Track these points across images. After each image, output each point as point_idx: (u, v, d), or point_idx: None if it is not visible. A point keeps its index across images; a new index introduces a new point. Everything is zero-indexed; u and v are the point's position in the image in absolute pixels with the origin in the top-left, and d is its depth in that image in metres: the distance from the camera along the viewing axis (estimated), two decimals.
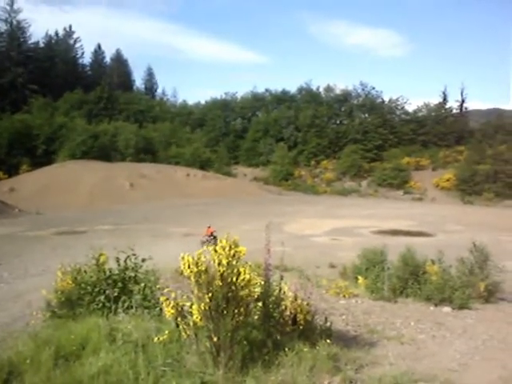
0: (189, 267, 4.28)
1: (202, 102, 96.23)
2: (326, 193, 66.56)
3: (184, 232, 29.72)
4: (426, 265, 14.43)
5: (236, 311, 4.33)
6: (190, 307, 4.42)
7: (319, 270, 18.90)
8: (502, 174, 58.26)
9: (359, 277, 14.89)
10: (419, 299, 12.98)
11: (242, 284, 4.32)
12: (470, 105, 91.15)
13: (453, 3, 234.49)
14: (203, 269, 4.26)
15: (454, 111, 78.21)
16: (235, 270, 4.30)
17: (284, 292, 5.46)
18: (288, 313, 5.35)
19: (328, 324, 6.18)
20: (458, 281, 13.31)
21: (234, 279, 4.28)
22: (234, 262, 4.32)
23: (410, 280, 13.87)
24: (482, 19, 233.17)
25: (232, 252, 4.30)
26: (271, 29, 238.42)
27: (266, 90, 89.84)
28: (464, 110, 78.93)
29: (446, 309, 12.08)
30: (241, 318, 4.47)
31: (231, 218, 36.56)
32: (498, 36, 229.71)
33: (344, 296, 12.66)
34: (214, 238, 32.45)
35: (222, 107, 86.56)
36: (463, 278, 13.91)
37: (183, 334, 4.43)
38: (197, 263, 4.27)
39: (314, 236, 30.23)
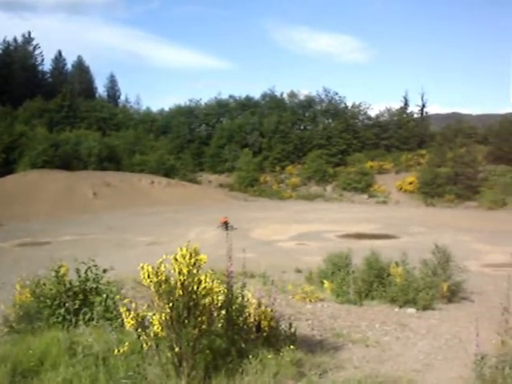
0: (148, 277, 4.23)
1: (166, 108, 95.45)
2: (292, 198, 66.85)
3: (149, 241, 29.41)
4: (391, 267, 14.62)
5: (198, 320, 4.29)
6: (152, 317, 4.35)
7: (285, 275, 18.93)
8: (463, 176, 59.61)
9: (325, 281, 14.94)
10: (384, 301, 13.13)
11: (204, 292, 4.28)
12: (431, 109, 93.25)
13: (412, 9, 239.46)
14: (163, 278, 4.20)
15: (415, 116, 79.61)
16: (196, 279, 4.25)
17: (248, 299, 5.43)
18: (252, 320, 5.32)
19: (293, 330, 6.17)
20: (422, 282, 13.53)
21: (195, 288, 4.23)
22: (195, 271, 4.27)
23: (374, 283, 14.02)
24: (440, 25, 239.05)
25: (192, 260, 4.25)
26: (235, 35, 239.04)
27: (230, 97, 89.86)
28: (425, 114, 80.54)
29: (411, 310, 12.25)
30: (203, 326, 4.42)
31: (197, 226, 36.35)
32: (456, 42, 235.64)
33: (310, 301, 12.70)
34: (227, 225, 35.36)
35: (187, 114, 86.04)
36: (427, 279, 14.14)
37: (144, 345, 4.36)
38: (157, 273, 4.22)
39: (280, 241, 30.31)
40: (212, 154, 79.34)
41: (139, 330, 4.38)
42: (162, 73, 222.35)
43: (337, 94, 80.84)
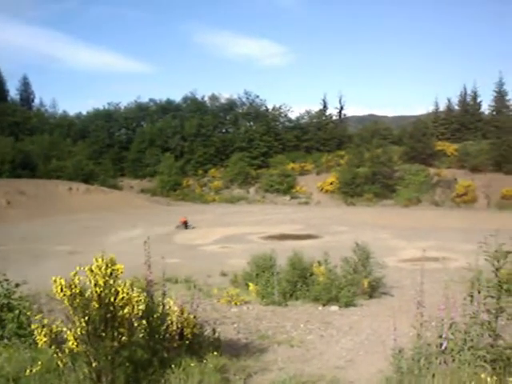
0: (62, 290, 4.00)
1: (84, 112, 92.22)
2: (215, 201, 66.75)
3: (68, 250, 28.23)
4: (314, 267, 14.91)
5: (117, 332, 4.11)
6: (67, 333, 4.13)
7: (210, 279, 18.82)
8: (380, 175, 61.91)
9: (250, 283, 14.99)
10: (308, 300, 13.34)
11: (122, 303, 4.11)
12: (348, 111, 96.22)
13: (330, 14, 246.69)
14: (77, 291, 3.99)
15: (334, 118, 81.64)
16: (113, 290, 4.08)
17: (169, 307, 5.30)
18: (174, 328, 5.20)
19: (216, 335, 6.10)
20: (344, 280, 13.88)
21: (113, 299, 4.06)
22: (112, 282, 4.10)
23: (298, 282, 14.23)
24: (356, 30, 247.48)
25: (109, 271, 4.07)
26: (156, 38, 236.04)
27: (151, 100, 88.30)
28: (343, 116, 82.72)
29: (334, 308, 12.51)
30: (123, 338, 4.26)
31: (118, 233, 35.39)
32: (372, 46, 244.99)
33: (235, 304, 12.67)
34: (186, 225, 38.62)
35: (106, 118, 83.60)
36: (348, 276, 14.52)
37: (59, 362, 4.12)
38: (70, 286, 4.00)
39: (204, 245, 30.10)
40: (133, 159, 77.63)
41: (53, 347, 4.14)
42: (80, 75, 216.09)
43: (258, 97, 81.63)
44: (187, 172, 74.20)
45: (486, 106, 76.92)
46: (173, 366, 4.64)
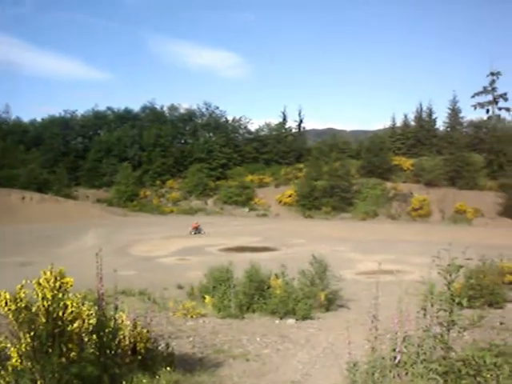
0: (6, 304, 3.82)
1: (39, 119, 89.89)
2: (173, 212, 66.15)
3: (20, 261, 27.34)
4: (271, 279, 14.89)
5: (65, 348, 3.95)
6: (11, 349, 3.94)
7: (167, 291, 18.51)
8: (337, 188, 62.69)
9: (206, 296, 14.84)
10: (265, 313, 13.29)
11: (71, 318, 3.96)
12: (308, 125, 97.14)
13: (289, 27, 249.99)
14: (23, 305, 3.82)
15: (293, 131, 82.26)
16: (62, 304, 3.92)
17: (122, 321, 5.15)
18: (127, 342, 5.05)
19: (170, 349, 5.97)
20: (301, 292, 13.89)
21: (61, 313, 3.90)
22: (61, 295, 3.94)
23: (255, 295, 14.17)
24: (316, 45, 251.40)
25: (58, 284, 3.92)
26: (114, 46, 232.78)
27: (109, 109, 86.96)
28: (302, 129, 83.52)
29: (290, 321, 12.49)
30: (72, 354, 4.10)
31: (73, 243, 34.58)
32: (331, 62, 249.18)
33: (191, 317, 12.49)
34: (198, 230, 41.83)
35: (61, 125, 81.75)
36: (305, 289, 14.56)
37: (1, 381, 3.92)
38: (15, 299, 3.82)
39: (161, 257, 29.71)
40: (89, 168, 76.19)
41: None
42: (35, 81, 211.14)
43: (217, 108, 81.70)
44: (145, 182, 73.33)
45: (441, 123, 79.17)
46: (124, 382, 4.49)
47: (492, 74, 74.51)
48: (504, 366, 4.43)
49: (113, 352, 4.75)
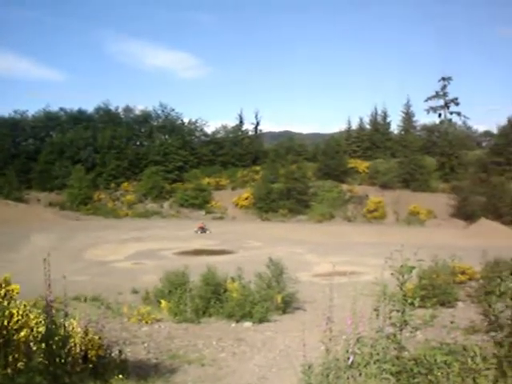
0: None
1: None
2: (128, 216, 65.08)
3: None
4: (227, 283, 14.84)
5: (12, 358, 3.79)
6: None
7: (121, 296, 18.20)
8: (294, 191, 63.01)
9: (162, 300, 14.66)
10: (222, 317, 13.25)
11: (17, 326, 3.81)
12: (264, 127, 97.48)
13: (247, 29, 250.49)
14: None
15: (250, 133, 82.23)
16: (7, 312, 3.77)
17: (73, 328, 5.00)
18: (78, 350, 4.90)
19: (123, 356, 5.84)
20: (258, 295, 13.90)
21: (6, 322, 3.75)
22: (6, 303, 3.79)
23: (212, 299, 14.10)
24: (272, 48, 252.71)
25: (2, 292, 3.77)
26: (67, 45, 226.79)
27: (61, 109, 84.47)
28: (259, 132, 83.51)
29: (247, 324, 12.49)
30: (19, 364, 3.94)
31: (23, 249, 33.56)
32: (288, 64, 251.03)
33: (147, 322, 12.32)
34: (204, 230, 44.82)
35: (11, 126, 78.94)
36: (262, 292, 14.57)
37: None
38: None
39: (116, 261, 29.22)
40: (41, 170, 73.90)
41: None
42: None
43: (173, 110, 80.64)
44: (99, 185, 71.71)
45: (395, 126, 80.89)
46: None
47: (443, 79, 76.81)
48: (454, 364, 4.52)
49: (63, 360, 4.61)
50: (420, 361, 4.62)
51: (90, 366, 4.96)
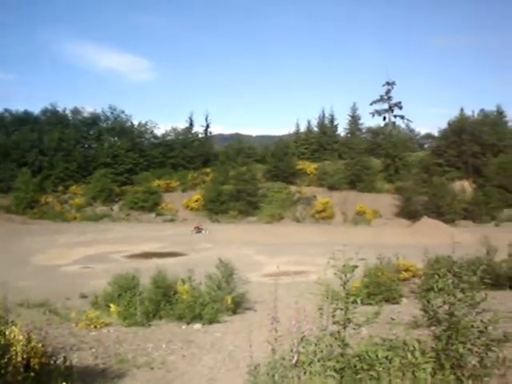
0: None
1: None
2: (76, 219, 63.62)
3: None
4: (177, 285, 14.78)
5: None
6: None
7: (70, 301, 17.83)
8: (244, 192, 63.27)
9: (111, 304, 14.44)
10: (172, 319, 13.19)
11: None
12: (214, 130, 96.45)
13: (196, 33, 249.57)
14: None
15: (200, 135, 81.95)
16: None
17: (14, 335, 4.88)
18: (19, 359, 4.79)
19: (68, 363, 5.75)
20: (208, 297, 13.92)
21: None
22: None
23: (162, 302, 14.00)
24: (223, 51, 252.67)
25: None
26: (12, 44, 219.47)
27: (6, 110, 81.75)
28: (209, 134, 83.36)
29: (197, 325, 12.49)
30: None
31: None
32: (237, 67, 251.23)
33: (95, 327, 12.12)
34: (199, 230, 46.98)
35: None
36: (212, 293, 14.60)
37: None
38: None
39: (64, 266, 28.56)
40: None
41: None
42: None
43: (123, 112, 79.39)
44: (46, 189, 69.76)
45: (342, 129, 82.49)
46: None
47: (388, 83, 79.26)
48: (395, 359, 4.69)
49: (2, 370, 4.49)
50: (363, 357, 4.76)
51: (33, 374, 4.85)
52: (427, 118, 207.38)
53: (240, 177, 64.74)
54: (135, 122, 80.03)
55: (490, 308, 5.41)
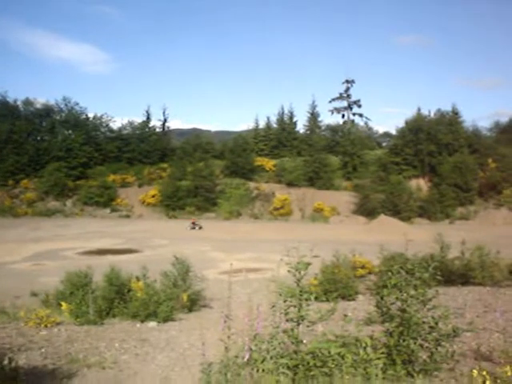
0: None
1: None
2: (27, 214, 61.86)
3: None
4: (132, 282, 14.56)
5: None
6: None
7: (19, 300, 17.27)
8: (202, 188, 62.99)
9: (63, 303, 14.09)
10: (126, 318, 12.98)
11: None
12: (172, 124, 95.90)
13: (155, 26, 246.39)
14: None
15: (158, 130, 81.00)
16: None
17: None
18: None
19: (13, 364, 5.55)
20: (163, 294, 13.76)
21: None
22: None
23: (116, 299, 13.76)
24: (182, 45, 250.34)
25: None
26: None
27: None
28: (166, 129, 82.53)
29: (152, 324, 12.32)
30: None
31: None
32: (196, 62, 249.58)
33: (45, 326, 11.78)
34: (195, 225, 47.62)
35: None
36: (168, 290, 14.43)
37: None
38: None
39: (13, 263, 27.66)
40: None
41: None
42: None
43: (77, 104, 77.52)
44: None
45: (301, 126, 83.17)
46: None
47: (347, 81, 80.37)
48: (347, 356, 4.74)
49: None
50: (316, 354, 4.79)
51: None
52: (385, 116, 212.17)
53: (198, 172, 64.40)
54: (90, 115, 78.47)
55: (441, 304, 5.53)
